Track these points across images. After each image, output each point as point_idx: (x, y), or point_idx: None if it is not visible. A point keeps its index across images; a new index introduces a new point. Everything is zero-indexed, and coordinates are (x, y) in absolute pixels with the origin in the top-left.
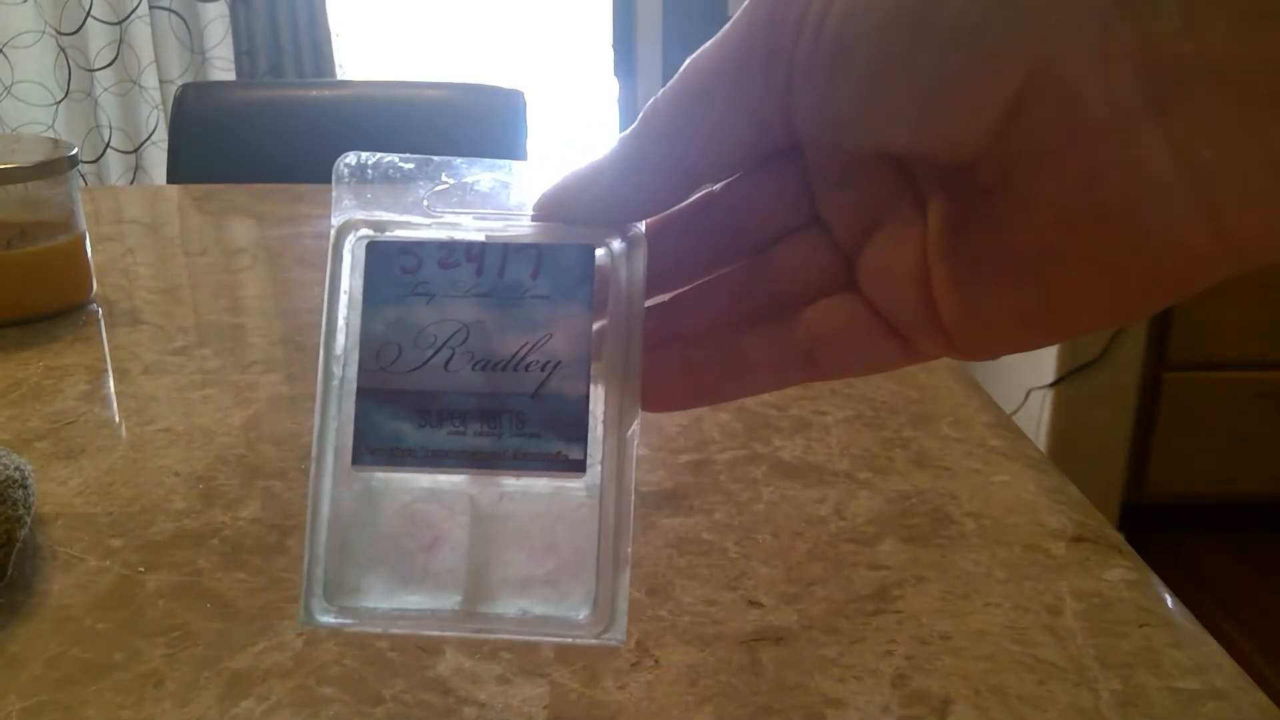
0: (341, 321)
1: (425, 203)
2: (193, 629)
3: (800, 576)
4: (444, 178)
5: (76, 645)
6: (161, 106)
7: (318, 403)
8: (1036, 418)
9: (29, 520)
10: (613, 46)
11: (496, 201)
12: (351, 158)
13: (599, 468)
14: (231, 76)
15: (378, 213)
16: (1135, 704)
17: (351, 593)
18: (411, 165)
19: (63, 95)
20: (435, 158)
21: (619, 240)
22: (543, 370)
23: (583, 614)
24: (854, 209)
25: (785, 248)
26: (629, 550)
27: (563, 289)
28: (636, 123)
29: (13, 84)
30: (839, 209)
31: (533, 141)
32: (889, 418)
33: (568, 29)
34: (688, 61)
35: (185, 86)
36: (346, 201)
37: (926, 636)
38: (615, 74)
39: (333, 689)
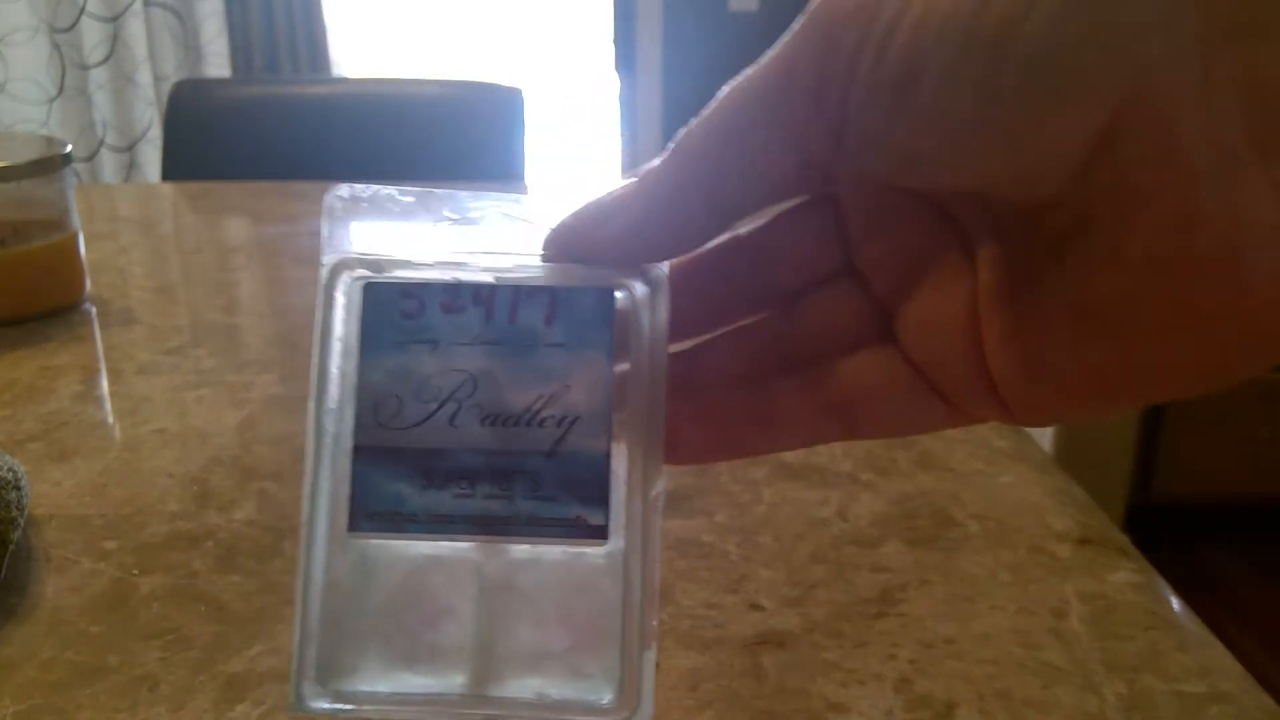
0: (335, 371)
1: (427, 239)
2: (187, 632)
3: (802, 579)
4: (446, 213)
5: (70, 648)
6: (156, 104)
7: (308, 462)
8: None
9: (22, 522)
10: (613, 42)
11: (505, 238)
12: (344, 190)
13: (622, 533)
14: (226, 73)
15: (374, 251)
16: (1140, 708)
17: (347, 674)
18: (411, 199)
19: (57, 92)
20: (437, 190)
21: (640, 283)
22: (559, 425)
23: (606, 697)
24: (894, 258)
25: (817, 298)
26: (655, 624)
27: (580, 336)
28: (666, 153)
29: (6, 81)
30: (877, 258)
31: (531, 140)
32: None
33: (567, 24)
34: (727, 86)
35: (180, 83)
36: (339, 238)
37: (930, 640)
38: (616, 70)
39: None
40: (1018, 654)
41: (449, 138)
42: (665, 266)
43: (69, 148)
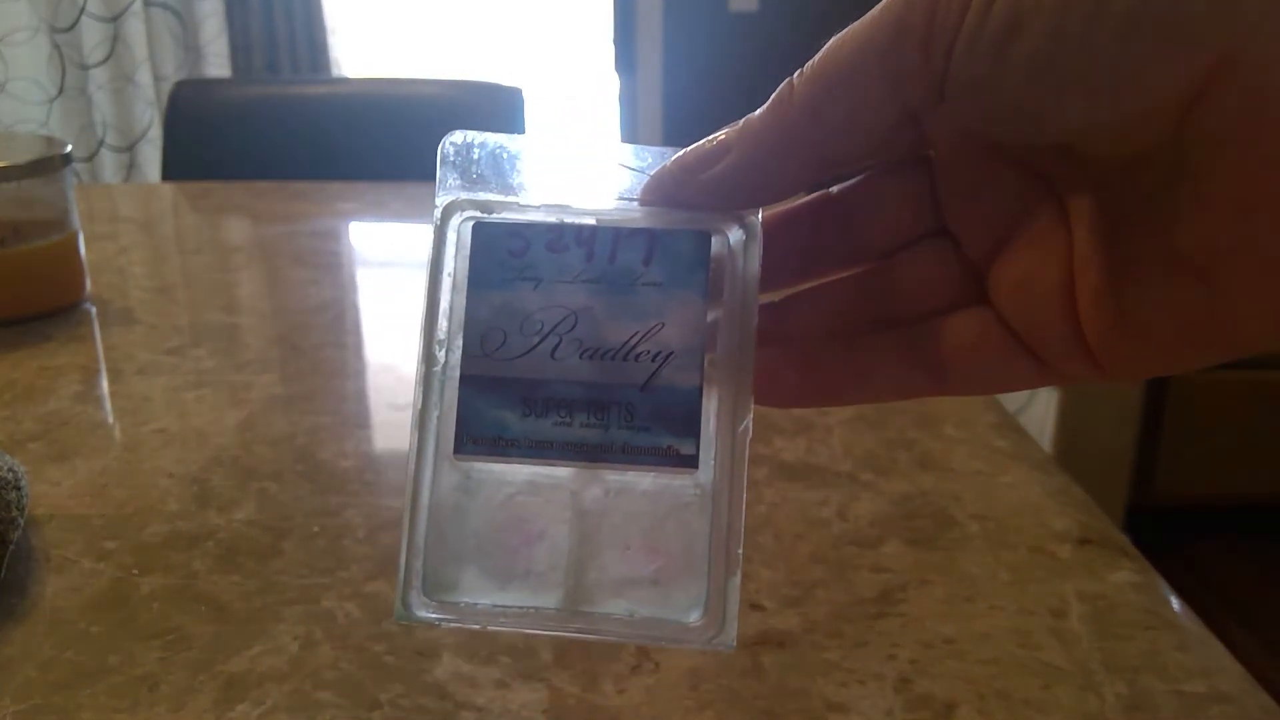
0: (444, 305)
1: (532, 183)
2: (187, 632)
3: (802, 579)
4: (553, 161)
5: (70, 648)
6: (156, 104)
7: (418, 389)
8: (1041, 418)
9: (22, 522)
10: (613, 42)
11: (608, 184)
12: (458, 136)
13: (711, 464)
14: (227, 73)
15: (483, 193)
16: (1141, 707)
17: (450, 587)
18: (518, 147)
19: (57, 92)
20: (542, 139)
21: (736, 228)
22: (654, 360)
23: (694, 617)
24: (987, 220)
25: (909, 257)
26: (740, 552)
27: (676, 277)
28: (769, 101)
29: (6, 81)
30: (970, 219)
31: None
32: (892, 418)
33: (567, 24)
34: (834, 39)
35: (180, 83)
36: (451, 181)
37: (930, 640)
38: (616, 69)
39: (329, 693)
40: (1018, 654)
41: None
42: (759, 214)
43: (69, 148)
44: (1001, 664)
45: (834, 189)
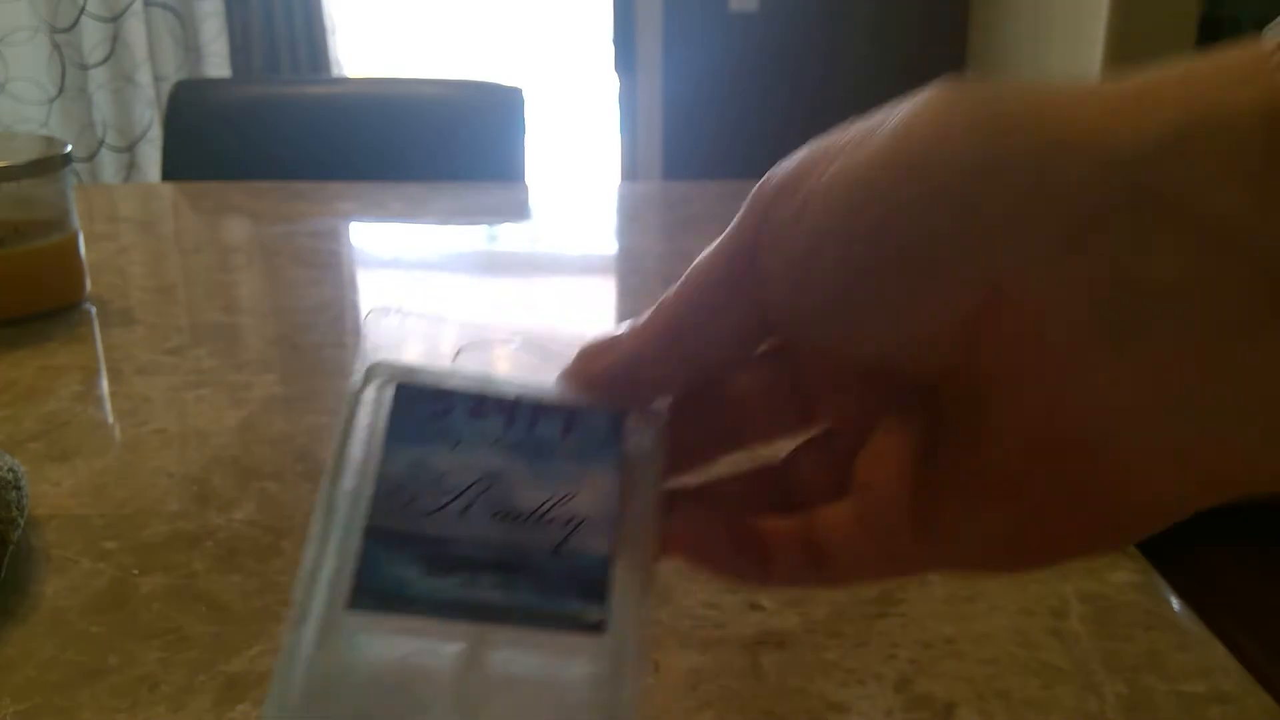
0: (356, 459)
1: (454, 359)
2: (187, 632)
3: None
4: (469, 339)
5: (70, 648)
6: (156, 104)
7: (313, 539)
8: None
9: (22, 522)
10: (613, 42)
11: (524, 366)
12: (383, 309)
13: (614, 631)
14: (227, 73)
15: (408, 359)
16: (1140, 708)
17: None
18: (440, 327)
19: (57, 92)
20: (464, 318)
21: (646, 412)
22: (565, 526)
23: None
24: (843, 418)
25: (802, 448)
26: None
27: (591, 451)
28: (651, 308)
29: (6, 81)
30: (834, 415)
31: (531, 139)
32: None
33: (567, 24)
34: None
35: (180, 83)
36: (372, 348)
37: (930, 640)
38: (615, 70)
39: None
40: (1018, 654)
41: (449, 137)
42: (666, 401)
43: (69, 148)
44: (1001, 664)
45: (725, 378)
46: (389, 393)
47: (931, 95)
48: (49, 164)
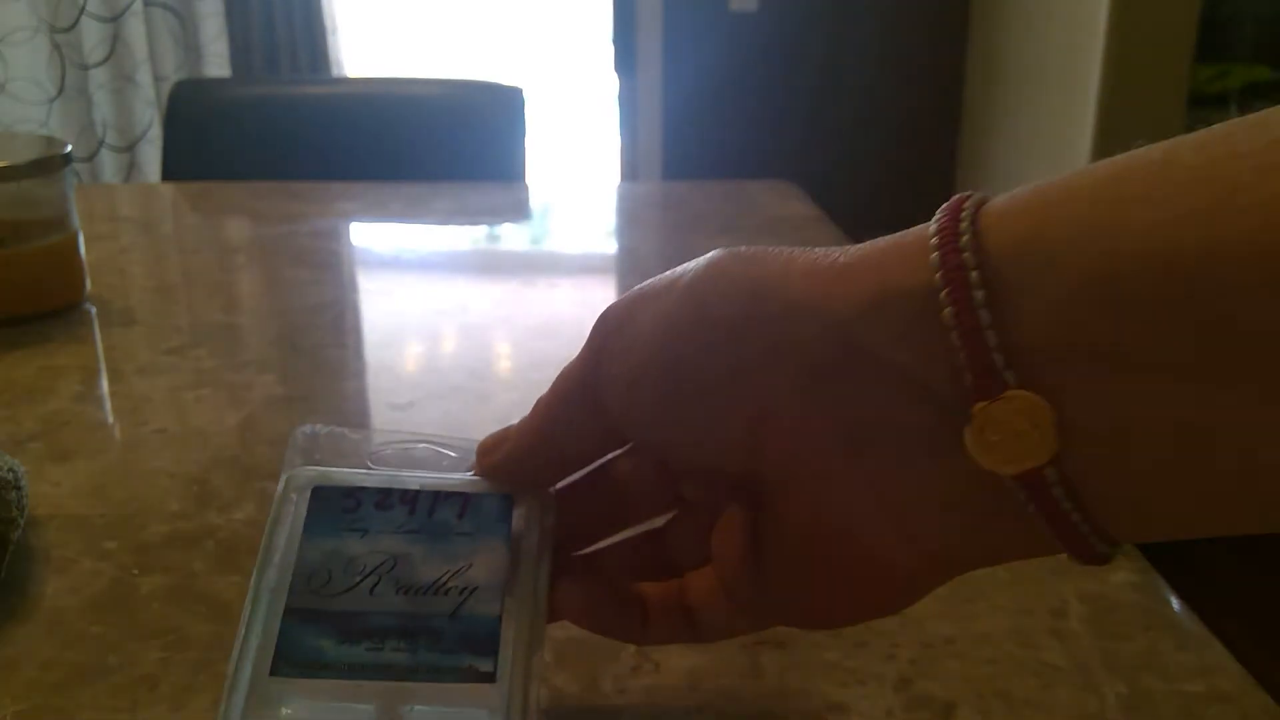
0: (278, 556)
1: (369, 461)
2: (187, 632)
3: None
4: (385, 444)
5: (71, 648)
6: (156, 104)
7: (244, 619)
8: None
9: (22, 522)
10: (613, 42)
11: (430, 465)
12: (306, 427)
13: (507, 681)
14: (226, 73)
15: (326, 468)
16: (1140, 708)
17: None
18: (359, 436)
19: (57, 92)
20: (380, 430)
21: (533, 495)
22: (460, 594)
23: None
24: (699, 498)
25: (675, 520)
26: None
27: (484, 528)
28: (531, 409)
29: (6, 81)
30: (693, 496)
31: (531, 139)
32: None
33: (567, 25)
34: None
35: (180, 83)
36: (297, 461)
37: (930, 640)
38: (615, 70)
39: None
40: (1017, 654)
41: (450, 137)
42: (554, 485)
43: (69, 148)
44: (1001, 664)
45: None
46: (306, 495)
47: (710, 261)
48: (49, 164)
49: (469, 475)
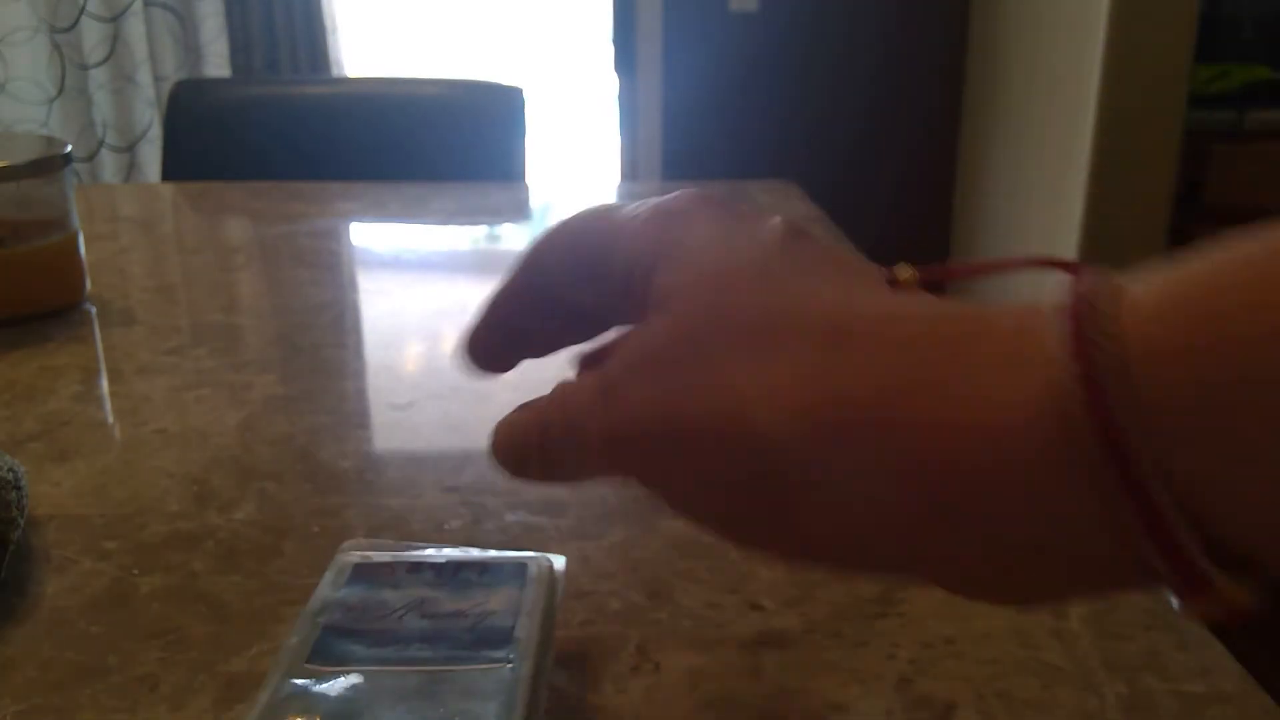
0: (319, 595)
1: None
2: (187, 632)
3: (803, 579)
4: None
5: (70, 648)
6: (156, 104)
7: (281, 648)
8: None
9: (22, 522)
10: (613, 42)
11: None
12: (351, 544)
13: (519, 663)
14: (227, 73)
15: (369, 553)
16: (1141, 708)
17: None
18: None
19: (57, 92)
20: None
21: (544, 557)
22: (479, 617)
23: None
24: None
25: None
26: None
27: (501, 580)
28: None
29: (6, 81)
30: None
31: (531, 139)
32: None
33: (567, 24)
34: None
35: (180, 83)
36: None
37: (930, 640)
38: (615, 70)
39: None
40: (1018, 654)
41: (450, 137)
42: (562, 561)
43: (69, 148)
44: (1001, 664)
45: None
46: (349, 570)
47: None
48: (49, 164)
49: (491, 553)
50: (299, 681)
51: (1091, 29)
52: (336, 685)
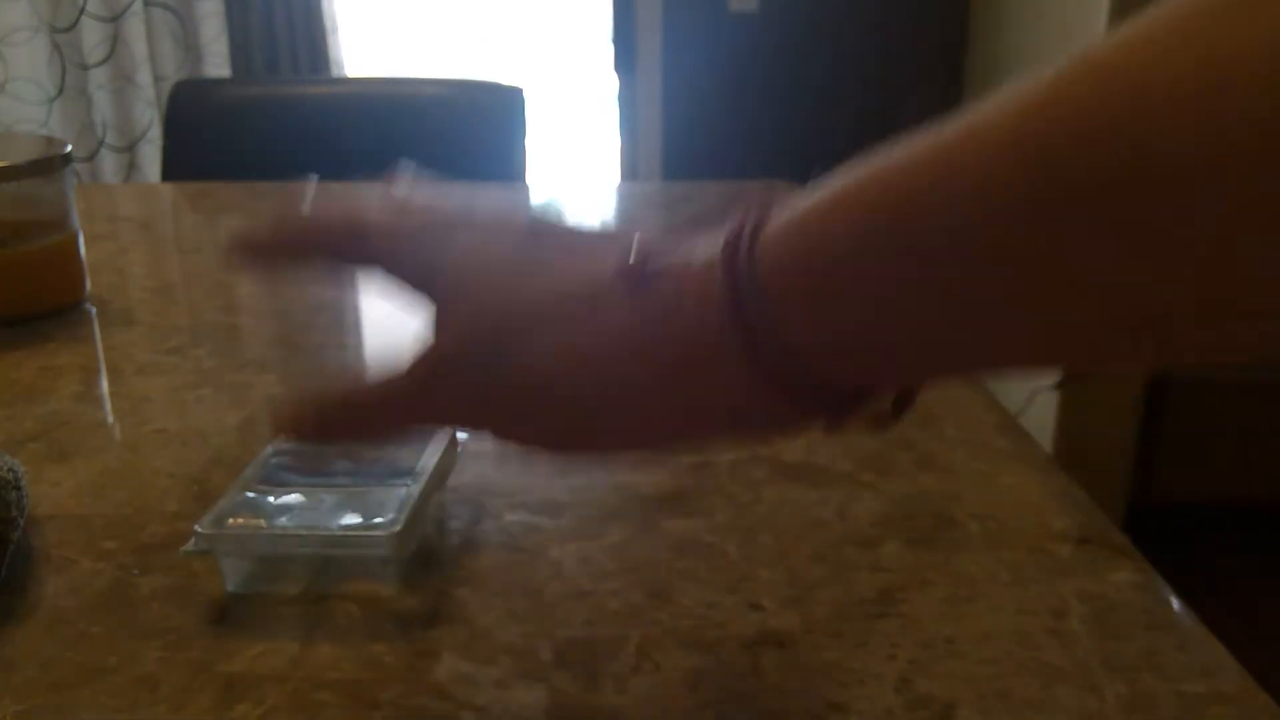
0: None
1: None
2: (187, 632)
3: (802, 579)
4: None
5: (70, 648)
6: (156, 104)
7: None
8: (1042, 419)
9: (22, 522)
10: (613, 42)
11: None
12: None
13: (421, 472)
14: (227, 73)
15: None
16: (1141, 708)
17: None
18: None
19: (57, 92)
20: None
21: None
22: (391, 460)
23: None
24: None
25: None
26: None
27: (410, 441)
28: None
29: (6, 81)
30: None
31: (531, 139)
32: None
33: (567, 24)
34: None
35: (180, 83)
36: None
37: (930, 640)
38: (615, 70)
39: (329, 694)
40: (1018, 654)
41: (450, 137)
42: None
43: (69, 148)
44: (1001, 664)
45: None
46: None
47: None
48: (49, 164)
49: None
50: (250, 495)
51: (1092, 29)
52: (278, 498)
